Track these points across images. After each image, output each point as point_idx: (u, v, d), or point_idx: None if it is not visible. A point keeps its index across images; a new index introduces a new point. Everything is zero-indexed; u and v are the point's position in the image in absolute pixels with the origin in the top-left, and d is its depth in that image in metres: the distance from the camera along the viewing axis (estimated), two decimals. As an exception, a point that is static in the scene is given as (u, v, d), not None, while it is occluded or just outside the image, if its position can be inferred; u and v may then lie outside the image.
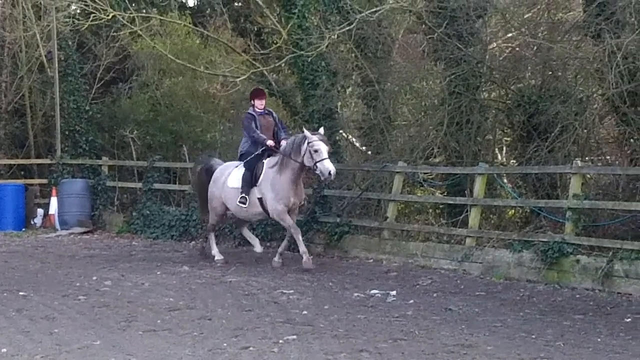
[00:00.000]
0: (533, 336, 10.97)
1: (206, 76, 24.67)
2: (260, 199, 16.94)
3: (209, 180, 18.02)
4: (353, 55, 20.59)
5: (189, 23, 25.52)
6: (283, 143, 16.98)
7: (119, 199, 24.09)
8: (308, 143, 16.25)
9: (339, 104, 21.53)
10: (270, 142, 16.99)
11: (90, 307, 12.85)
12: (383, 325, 11.56)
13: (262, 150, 17.04)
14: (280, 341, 10.52)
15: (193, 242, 20.70)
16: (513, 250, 15.42)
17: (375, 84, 19.89)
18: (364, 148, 21.27)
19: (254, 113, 17.24)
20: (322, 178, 16.36)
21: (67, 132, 25.32)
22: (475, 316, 12.28)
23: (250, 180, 16.99)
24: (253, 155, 17.05)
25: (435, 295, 13.91)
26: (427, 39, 19.34)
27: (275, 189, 16.69)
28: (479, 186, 16.49)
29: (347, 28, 18.55)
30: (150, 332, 11.14)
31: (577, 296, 13.79)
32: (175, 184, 23.40)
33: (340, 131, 20.89)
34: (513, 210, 17.79)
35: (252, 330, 11.19)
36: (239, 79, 22.17)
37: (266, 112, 17.44)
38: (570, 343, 10.58)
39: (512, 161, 19.22)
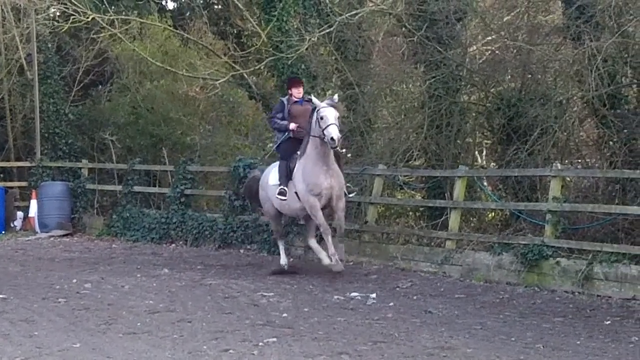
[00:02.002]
0: (512, 338, 10.99)
1: (186, 79, 24.63)
2: (297, 194, 15.75)
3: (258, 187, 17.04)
4: (333, 58, 20.61)
5: (169, 25, 25.49)
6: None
7: (98, 202, 24.01)
8: (317, 111, 15.20)
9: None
10: (292, 126, 15.88)
11: (70, 309, 12.82)
12: (363, 328, 11.56)
13: (289, 137, 15.95)
14: (260, 344, 10.52)
15: (173, 245, 20.65)
16: (493, 252, 15.44)
17: (355, 86, 19.91)
18: (344, 151, 21.23)
19: (285, 101, 16.20)
20: (330, 145, 15.08)
21: (46, 135, 25.26)
22: (455, 319, 12.29)
23: (286, 170, 15.85)
24: (285, 143, 16.02)
25: (415, 297, 13.93)
26: (407, 42, 19.38)
27: (305, 179, 15.48)
28: (459, 189, 16.50)
29: (327, 31, 18.57)
30: (130, 334, 11.12)
31: (557, 299, 13.83)
32: (155, 186, 23.35)
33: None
34: (493, 213, 17.83)
35: (232, 332, 11.18)
36: (218, 82, 22.14)
37: (305, 100, 16.12)
38: (550, 345, 10.60)
39: (492, 164, 19.26)
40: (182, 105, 25.44)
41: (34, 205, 23.93)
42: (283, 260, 16.71)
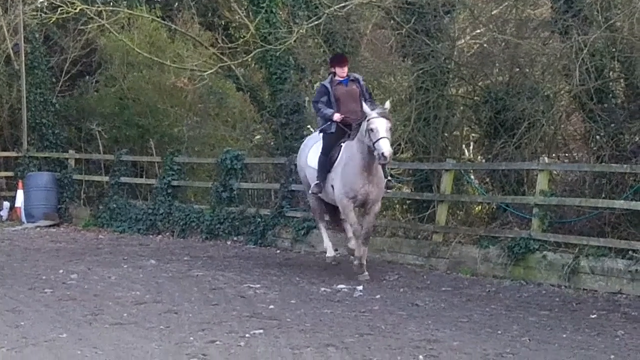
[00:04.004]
0: (499, 332, 11.01)
1: (174, 70, 24.56)
2: (333, 187, 14.88)
3: None
4: (321, 50, 20.57)
5: (158, 17, 25.42)
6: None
7: (85, 193, 23.97)
8: (367, 121, 14.04)
9: (307, 98, 21.50)
10: (337, 116, 14.69)
11: (56, 300, 12.81)
12: (349, 320, 11.57)
13: (334, 127, 14.84)
14: (247, 335, 10.52)
15: (160, 236, 20.64)
16: (480, 246, 15.48)
17: (343, 79, 19.86)
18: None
19: (327, 85, 14.96)
20: (379, 161, 14.11)
21: (33, 125, 25.21)
22: (442, 311, 12.31)
23: (326, 165, 14.87)
24: (328, 135, 14.90)
25: (402, 290, 13.94)
26: (395, 35, 19.34)
27: (343, 178, 14.58)
28: (446, 182, 16.52)
29: (316, 23, 18.53)
30: (117, 325, 11.11)
31: (543, 292, 13.86)
32: (142, 177, 23.33)
33: (308, 126, 20.87)
34: (480, 207, 17.84)
35: (219, 324, 11.17)
36: (206, 73, 22.09)
37: (350, 79, 15.04)
38: (536, 339, 10.62)
39: (479, 157, 19.28)
40: (170, 97, 25.37)
41: (20, 195, 23.89)
42: (329, 251, 15.71)
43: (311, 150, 15.49)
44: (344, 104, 14.84)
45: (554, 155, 17.11)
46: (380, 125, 13.85)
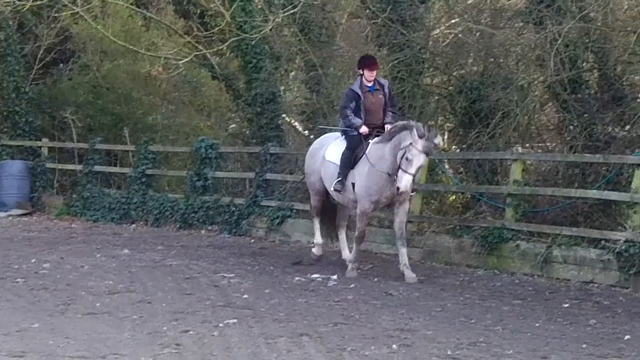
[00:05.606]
0: (472, 321, 11.05)
1: (148, 58, 24.45)
2: (353, 185, 14.30)
3: None
4: (297, 39, 20.54)
5: (131, 4, 25.27)
6: (388, 128, 14.20)
7: (58, 181, 23.88)
8: (408, 147, 13.38)
9: (282, 88, 21.51)
10: (364, 130, 14.16)
11: (28, 289, 12.75)
12: (323, 310, 11.58)
13: (357, 132, 14.30)
14: (221, 325, 10.50)
15: (133, 226, 20.57)
16: (453, 235, 15.52)
17: (318, 68, 19.88)
18: (306, 132, 21.25)
19: (358, 90, 14.30)
20: (393, 188, 13.65)
21: (6, 113, 25.03)
22: (416, 301, 12.34)
23: (350, 161, 14.25)
24: (357, 133, 14.32)
25: (375, 279, 13.95)
26: (370, 24, 19.35)
27: (370, 178, 14.00)
28: (420, 171, 16.51)
29: (292, 11, 18.48)
30: (90, 315, 11.07)
31: (517, 281, 13.92)
32: (116, 166, 23.24)
33: (283, 115, 20.88)
34: (454, 196, 17.87)
35: (192, 314, 11.15)
36: (181, 62, 22.01)
37: (377, 86, 14.46)
38: (509, 328, 10.67)
39: (453, 147, 19.30)
40: (144, 85, 25.27)
41: (-8, 184, 23.75)
42: (318, 249, 15.47)
43: (330, 147, 14.84)
44: (370, 115, 14.32)
45: (527, 145, 17.19)
46: (417, 162, 13.43)
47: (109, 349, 9.35)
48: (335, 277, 13.93)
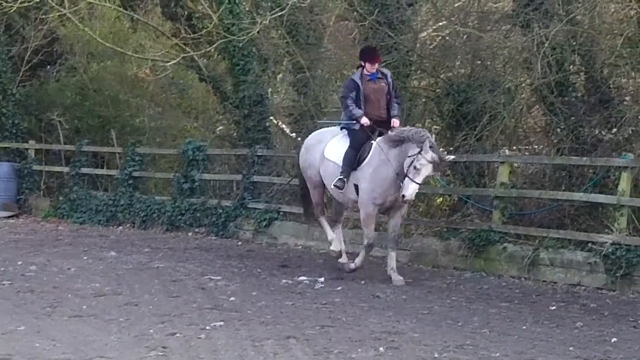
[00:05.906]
0: (459, 323, 11.06)
1: (136, 60, 24.41)
2: (356, 186, 14.10)
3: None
4: (284, 41, 20.53)
5: (119, 6, 25.22)
6: (396, 123, 14.00)
7: (45, 183, 23.80)
8: (417, 155, 13.22)
9: (270, 90, 21.51)
10: (364, 120, 13.90)
11: (14, 292, 12.71)
12: (311, 312, 11.58)
13: (359, 126, 14.04)
14: (208, 327, 10.49)
15: (120, 228, 20.54)
16: (441, 237, 15.54)
17: (306, 70, 19.87)
18: (294, 135, 21.24)
19: (357, 80, 14.07)
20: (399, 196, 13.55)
21: (-8, 115, 24.95)
22: (403, 303, 12.35)
23: (354, 161, 13.95)
24: (360, 129, 14.03)
25: (362, 282, 13.95)
26: (358, 27, 19.34)
27: (373, 180, 13.81)
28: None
29: (279, 14, 18.46)
30: (76, 317, 11.05)
31: (504, 284, 13.95)
32: (103, 168, 23.20)
33: (271, 117, 20.88)
34: (441, 198, 17.88)
35: (179, 316, 11.14)
36: (169, 64, 21.97)
37: (379, 75, 14.21)
38: (496, 330, 10.68)
39: (441, 149, 19.29)
40: (131, 87, 25.21)
41: (-21, 186, 23.68)
42: (335, 244, 15.00)
43: (330, 144, 14.54)
44: (372, 103, 14.10)
45: (514, 147, 17.20)
46: (425, 171, 13.30)
47: (95, 352, 9.34)
48: (322, 279, 13.92)
